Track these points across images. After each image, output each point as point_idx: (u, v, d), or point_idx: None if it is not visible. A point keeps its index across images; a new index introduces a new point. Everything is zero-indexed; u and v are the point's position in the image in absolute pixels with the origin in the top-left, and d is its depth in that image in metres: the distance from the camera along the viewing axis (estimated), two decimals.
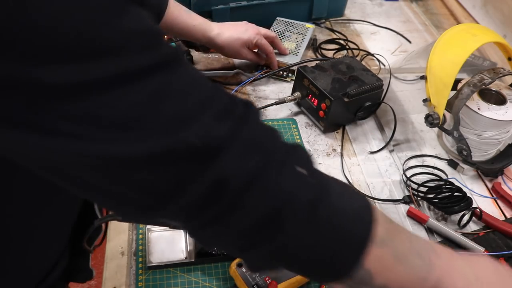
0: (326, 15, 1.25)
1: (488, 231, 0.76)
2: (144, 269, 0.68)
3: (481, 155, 0.88)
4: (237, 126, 0.36)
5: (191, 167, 0.34)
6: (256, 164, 0.36)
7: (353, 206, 0.41)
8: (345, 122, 0.95)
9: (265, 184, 0.36)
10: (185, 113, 0.34)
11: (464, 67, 0.80)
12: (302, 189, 0.38)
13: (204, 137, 0.34)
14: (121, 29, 0.31)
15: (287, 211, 0.37)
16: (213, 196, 0.35)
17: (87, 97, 0.30)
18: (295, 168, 0.39)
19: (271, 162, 0.37)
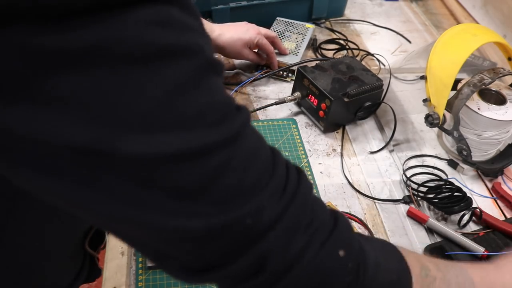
0: (326, 15, 1.25)
1: (488, 231, 0.76)
2: (144, 269, 0.68)
3: (481, 155, 0.88)
4: (288, 204, 0.36)
5: (240, 243, 0.35)
6: (300, 246, 0.37)
7: (393, 279, 0.42)
8: (345, 122, 0.95)
9: (304, 266, 0.37)
10: (243, 190, 0.34)
11: (464, 67, 0.80)
12: (340, 271, 0.38)
13: (257, 217, 0.34)
14: (194, 105, 0.31)
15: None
16: (253, 272, 0.36)
17: (151, 168, 0.31)
18: (336, 250, 0.39)
19: (314, 244, 0.37)
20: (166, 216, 0.32)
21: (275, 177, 0.36)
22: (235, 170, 0.33)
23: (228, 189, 0.33)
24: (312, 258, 0.37)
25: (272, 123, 0.94)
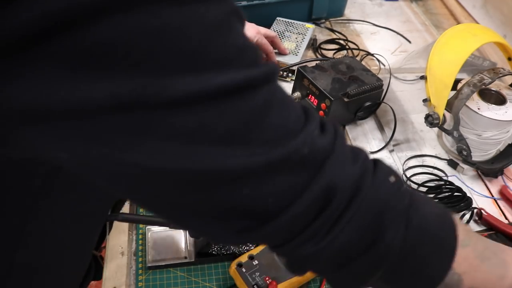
0: (326, 15, 1.25)
1: (491, 232, 0.76)
2: (144, 269, 0.68)
3: (481, 155, 0.88)
4: (334, 137, 0.37)
5: (302, 176, 0.34)
6: (358, 172, 0.37)
7: (437, 212, 0.42)
8: (345, 122, 0.95)
9: (366, 192, 0.36)
10: (292, 123, 0.34)
11: (464, 67, 0.80)
12: (397, 196, 0.38)
13: (311, 146, 0.34)
14: (233, 45, 0.32)
15: (387, 218, 0.37)
16: (321, 206, 0.35)
17: (201, 108, 0.30)
18: (387, 177, 0.39)
19: (367, 172, 0.38)
20: (223, 158, 0.31)
21: (312, 115, 0.37)
22: (280, 106, 0.34)
23: (278, 124, 0.33)
24: (370, 184, 0.37)
25: None
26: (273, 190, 0.34)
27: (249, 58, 0.33)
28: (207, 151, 0.31)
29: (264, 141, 0.32)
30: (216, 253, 0.67)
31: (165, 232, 0.71)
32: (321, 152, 0.35)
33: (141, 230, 0.73)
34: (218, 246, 0.66)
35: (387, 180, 0.39)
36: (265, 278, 0.63)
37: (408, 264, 0.39)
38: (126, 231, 0.73)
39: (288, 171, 0.34)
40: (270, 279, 0.63)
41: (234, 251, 0.68)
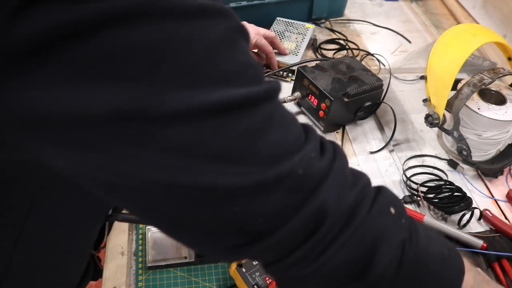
0: (326, 15, 1.25)
1: (494, 234, 0.75)
2: (144, 269, 0.68)
3: (481, 155, 0.88)
4: (333, 159, 0.36)
5: (294, 198, 0.34)
6: (353, 198, 0.36)
7: (444, 251, 0.41)
8: (345, 122, 0.95)
9: (360, 220, 0.36)
10: (289, 143, 0.34)
11: (464, 67, 0.80)
12: (395, 228, 0.38)
13: (307, 167, 0.34)
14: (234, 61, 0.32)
15: (380, 250, 0.37)
16: (310, 230, 0.35)
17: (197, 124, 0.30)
18: (387, 207, 0.38)
19: (366, 199, 0.37)
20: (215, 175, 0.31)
21: (312, 134, 0.36)
22: (279, 124, 0.34)
23: (275, 143, 0.33)
24: (366, 212, 0.36)
25: None
26: (264, 210, 0.33)
27: (250, 75, 0.33)
28: (201, 166, 0.31)
29: (259, 159, 0.32)
30: None
31: None
32: (316, 174, 0.35)
33: (141, 230, 0.73)
34: None
35: (386, 211, 0.38)
36: (265, 278, 0.63)
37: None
38: (126, 231, 0.73)
39: (280, 192, 0.33)
40: (270, 279, 0.63)
41: None
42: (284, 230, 0.34)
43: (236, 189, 0.32)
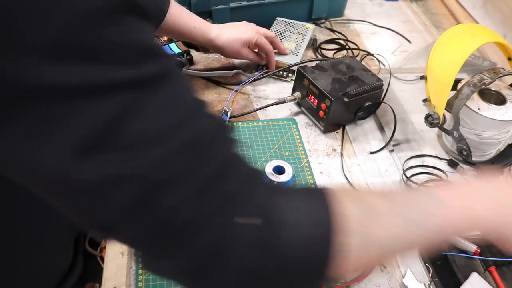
0: (326, 15, 1.25)
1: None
2: (144, 269, 0.68)
3: (481, 155, 0.88)
4: (196, 163, 0.34)
5: (143, 196, 0.33)
6: (209, 210, 0.35)
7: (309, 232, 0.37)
8: (345, 122, 0.95)
9: (213, 232, 0.35)
10: (145, 140, 0.32)
11: (464, 67, 0.80)
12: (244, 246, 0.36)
13: (157, 170, 0.32)
14: (104, 39, 0.30)
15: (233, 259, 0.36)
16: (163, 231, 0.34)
17: (49, 101, 0.28)
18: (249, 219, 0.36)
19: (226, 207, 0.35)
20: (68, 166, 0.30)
21: (184, 132, 0.34)
22: (140, 118, 0.31)
23: (128, 137, 0.31)
24: (222, 224, 0.35)
25: (272, 123, 0.94)
26: (114, 205, 0.33)
27: (121, 57, 0.30)
28: (50, 151, 0.30)
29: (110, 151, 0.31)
30: None
31: None
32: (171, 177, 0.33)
33: None
34: None
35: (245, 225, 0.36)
36: None
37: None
38: None
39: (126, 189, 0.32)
40: None
41: None
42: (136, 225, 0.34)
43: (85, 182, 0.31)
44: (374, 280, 0.69)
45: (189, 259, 0.36)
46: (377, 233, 0.39)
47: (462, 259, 0.72)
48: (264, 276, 0.37)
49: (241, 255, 0.36)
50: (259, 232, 0.36)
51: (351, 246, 0.37)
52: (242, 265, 0.36)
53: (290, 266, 0.37)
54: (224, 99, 0.99)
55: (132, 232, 0.34)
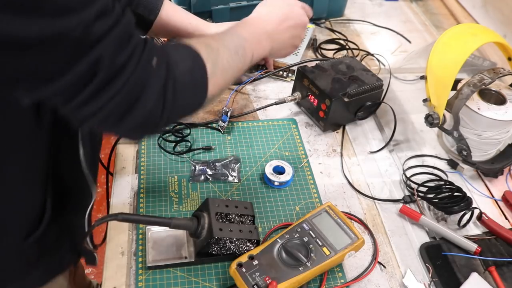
0: (326, 15, 1.25)
1: (490, 237, 0.75)
2: (144, 269, 0.68)
3: (481, 155, 0.88)
4: (115, 23, 0.46)
5: (74, 53, 0.44)
6: (126, 57, 0.48)
7: (189, 66, 0.57)
8: (345, 122, 0.95)
9: (129, 73, 0.48)
10: (71, 5, 0.41)
11: (464, 67, 0.80)
12: (156, 75, 0.51)
13: (88, 28, 0.43)
14: None
15: (147, 92, 0.51)
16: (86, 80, 0.46)
17: None
18: (150, 61, 0.51)
19: (134, 54, 0.49)
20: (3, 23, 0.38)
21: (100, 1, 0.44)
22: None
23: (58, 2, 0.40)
24: (133, 67, 0.48)
25: (272, 123, 0.94)
26: (51, 59, 0.43)
27: None
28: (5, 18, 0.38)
29: (43, 13, 0.40)
30: (216, 253, 0.67)
31: (165, 232, 0.71)
32: (96, 34, 0.44)
33: (141, 230, 0.73)
34: (218, 246, 0.66)
35: (149, 65, 0.51)
36: (265, 278, 0.63)
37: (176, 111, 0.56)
38: (126, 231, 0.73)
39: (61, 46, 0.43)
40: (270, 279, 0.63)
41: (234, 251, 0.68)
42: (67, 78, 0.44)
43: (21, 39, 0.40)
44: (374, 280, 0.69)
45: (112, 98, 0.48)
46: (220, 61, 0.62)
47: (462, 259, 0.72)
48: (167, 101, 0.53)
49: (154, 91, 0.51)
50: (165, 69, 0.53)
51: (209, 69, 0.59)
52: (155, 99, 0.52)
53: (184, 88, 0.56)
54: (224, 99, 0.99)
55: (67, 79, 0.44)
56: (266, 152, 0.88)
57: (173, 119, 0.60)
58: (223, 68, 0.63)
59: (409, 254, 0.73)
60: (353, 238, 0.68)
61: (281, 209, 0.78)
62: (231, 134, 0.91)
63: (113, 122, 0.51)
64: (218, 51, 0.63)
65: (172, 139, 0.87)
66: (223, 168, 0.83)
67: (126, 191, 0.79)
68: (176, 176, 0.82)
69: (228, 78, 0.65)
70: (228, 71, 0.64)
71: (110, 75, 0.47)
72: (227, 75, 0.64)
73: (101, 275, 0.69)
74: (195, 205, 0.77)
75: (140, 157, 0.84)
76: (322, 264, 0.65)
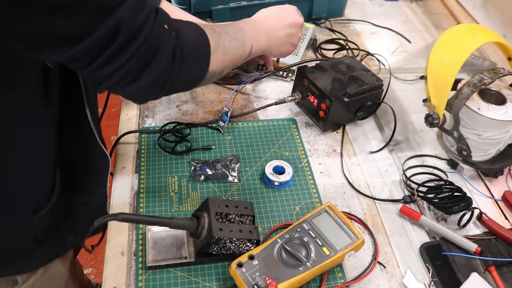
0: (326, 15, 1.25)
1: (490, 237, 0.75)
2: (144, 269, 0.68)
3: (481, 155, 0.88)
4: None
5: (96, 16, 0.49)
6: (143, 19, 0.53)
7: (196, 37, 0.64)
8: (345, 122, 0.95)
9: (146, 34, 0.54)
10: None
11: (464, 67, 0.80)
12: (168, 39, 0.58)
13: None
14: None
15: (159, 54, 0.57)
16: (110, 39, 0.51)
17: None
18: (163, 25, 0.57)
19: (149, 19, 0.54)
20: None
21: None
22: None
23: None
24: (150, 28, 0.54)
25: (272, 123, 0.94)
26: (75, 22, 0.48)
27: None
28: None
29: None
30: (216, 253, 0.67)
31: (165, 232, 0.71)
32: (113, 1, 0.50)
33: (141, 230, 0.73)
34: (218, 246, 0.66)
35: (162, 28, 0.57)
36: (265, 278, 0.63)
37: (179, 77, 0.61)
38: (126, 231, 0.73)
39: (87, 11, 0.48)
40: (270, 279, 0.63)
41: (234, 251, 0.67)
42: (90, 40, 0.50)
43: (55, 4, 0.46)
44: (374, 280, 0.69)
45: (130, 58, 0.54)
46: (221, 42, 0.69)
47: (462, 259, 0.72)
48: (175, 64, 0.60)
49: (166, 52, 0.58)
50: (176, 35, 0.59)
51: (212, 46, 0.66)
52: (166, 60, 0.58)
53: (190, 55, 0.62)
54: (224, 99, 0.99)
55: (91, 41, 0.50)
56: (266, 152, 0.88)
57: (175, 87, 0.63)
58: (224, 48, 0.69)
59: (409, 254, 0.73)
60: (353, 238, 0.68)
61: (281, 209, 0.78)
62: (231, 134, 0.91)
63: (128, 81, 0.56)
64: (221, 34, 0.70)
65: (172, 139, 0.87)
66: (223, 168, 0.83)
67: (126, 191, 0.79)
68: (176, 176, 0.82)
69: (229, 59, 0.71)
70: (229, 52, 0.70)
71: (130, 36, 0.52)
72: (228, 56, 0.70)
73: (101, 275, 0.69)
74: (195, 205, 0.77)
75: (140, 157, 0.84)
76: (322, 264, 0.65)
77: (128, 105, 0.96)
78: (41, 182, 0.68)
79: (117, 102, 0.99)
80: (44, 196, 0.69)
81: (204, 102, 0.98)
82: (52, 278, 0.79)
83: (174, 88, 0.63)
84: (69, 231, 0.76)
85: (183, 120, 0.93)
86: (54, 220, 0.71)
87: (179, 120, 0.92)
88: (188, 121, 0.92)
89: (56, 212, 0.71)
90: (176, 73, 0.60)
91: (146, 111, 0.95)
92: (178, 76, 0.61)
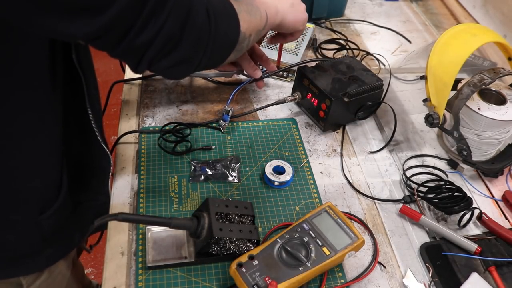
0: (326, 15, 1.25)
1: (490, 237, 0.75)
2: (144, 269, 0.68)
3: (481, 155, 0.88)
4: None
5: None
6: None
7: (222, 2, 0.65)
8: (345, 122, 0.95)
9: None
10: None
11: (464, 67, 0.80)
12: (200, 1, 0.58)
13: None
14: None
15: (194, 11, 0.57)
16: (140, 5, 0.49)
17: None
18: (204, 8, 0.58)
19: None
20: None
21: None
22: None
23: None
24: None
25: (272, 123, 0.94)
26: None
27: None
28: None
29: None
30: (216, 253, 0.67)
31: (165, 232, 0.71)
32: None
33: (141, 230, 0.73)
34: (218, 246, 0.66)
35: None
36: (265, 278, 0.63)
37: (216, 38, 0.61)
38: (126, 231, 0.73)
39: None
40: (270, 279, 0.63)
41: (234, 251, 0.67)
42: (117, 6, 0.47)
43: None
44: (374, 280, 0.69)
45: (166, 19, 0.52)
46: (242, 6, 0.68)
47: (462, 259, 0.72)
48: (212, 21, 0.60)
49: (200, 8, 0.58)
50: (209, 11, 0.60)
51: (236, 7, 0.66)
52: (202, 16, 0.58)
53: (221, 14, 0.62)
54: (224, 99, 0.99)
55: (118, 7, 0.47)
56: (266, 152, 0.88)
57: (216, 50, 0.62)
58: (246, 10, 0.70)
59: (409, 254, 0.73)
60: (353, 238, 0.68)
61: (281, 209, 0.78)
62: (231, 134, 0.91)
63: (172, 46, 0.55)
64: (237, 0, 0.70)
65: (172, 139, 0.87)
66: (223, 168, 0.83)
67: (126, 191, 0.79)
68: (176, 176, 0.82)
69: (253, 21, 0.71)
70: (251, 13, 0.71)
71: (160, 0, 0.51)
72: (251, 17, 0.71)
73: (101, 275, 0.69)
74: (195, 205, 0.77)
75: (140, 157, 0.84)
76: (322, 264, 0.65)
77: (128, 105, 0.96)
78: (48, 181, 0.68)
79: (117, 102, 0.99)
80: (52, 195, 0.69)
81: (204, 102, 0.98)
82: (56, 280, 0.79)
83: (216, 50, 0.62)
84: (75, 229, 0.77)
85: (183, 120, 0.93)
86: (61, 218, 0.72)
87: (179, 120, 0.92)
88: (188, 121, 0.92)
89: (63, 211, 0.71)
90: (214, 32, 0.60)
91: (146, 111, 0.95)
92: (216, 36, 0.60)
